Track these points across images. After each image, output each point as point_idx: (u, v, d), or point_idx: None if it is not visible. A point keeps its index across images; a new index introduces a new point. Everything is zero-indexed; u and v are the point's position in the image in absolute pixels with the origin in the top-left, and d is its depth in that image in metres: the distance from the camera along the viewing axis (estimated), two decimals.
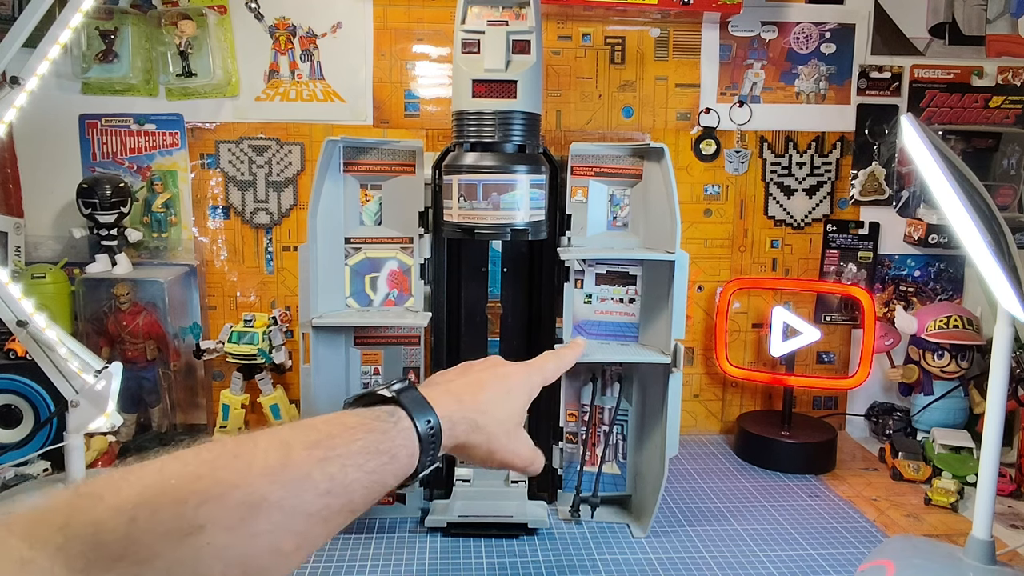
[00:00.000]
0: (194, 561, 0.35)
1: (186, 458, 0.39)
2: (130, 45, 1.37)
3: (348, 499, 0.43)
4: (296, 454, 0.41)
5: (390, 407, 0.49)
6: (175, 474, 0.37)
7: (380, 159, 1.17)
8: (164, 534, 0.34)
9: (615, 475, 1.21)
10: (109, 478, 0.36)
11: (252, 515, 0.37)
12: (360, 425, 0.46)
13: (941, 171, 0.83)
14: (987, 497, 0.87)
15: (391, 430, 0.47)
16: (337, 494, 0.42)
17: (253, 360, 1.33)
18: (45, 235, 1.43)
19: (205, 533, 0.35)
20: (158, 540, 0.34)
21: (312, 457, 0.41)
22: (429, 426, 0.50)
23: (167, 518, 0.34)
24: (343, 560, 1.03)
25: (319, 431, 0.44)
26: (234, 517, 0.36)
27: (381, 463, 0.45)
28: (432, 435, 0.50)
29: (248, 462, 0.39)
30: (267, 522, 0.38)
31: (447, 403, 0.53)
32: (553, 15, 1.43)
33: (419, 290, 1.18)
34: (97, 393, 1.09)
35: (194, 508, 0.35)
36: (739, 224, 1.53)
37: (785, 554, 1.05)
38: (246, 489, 0.38)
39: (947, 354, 1.39)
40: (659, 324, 1.14)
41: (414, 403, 0.50)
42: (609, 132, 1.48)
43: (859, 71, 1.50)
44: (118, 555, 0.33)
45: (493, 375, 0.60)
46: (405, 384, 0.52)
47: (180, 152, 1.43)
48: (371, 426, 0.46)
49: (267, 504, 0.38)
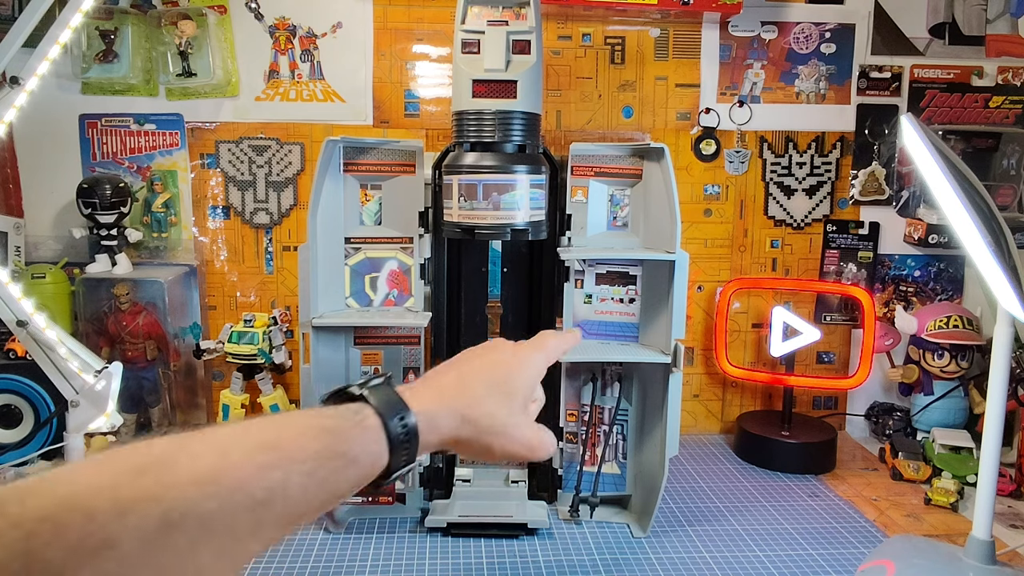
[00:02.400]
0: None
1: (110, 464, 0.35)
2: (130, 45, 1.37)
3: (287, 511, 0.39)
4: (232, 460, 0.38)
5: (357, 405, 0.46)
6: (92, 484, 0.33)
7: (380, 159, 1.17)
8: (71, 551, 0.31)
9: (615, 475, 1.21)
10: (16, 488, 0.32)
11: (170, 529, 0.34)
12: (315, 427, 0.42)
13: (941, 171, 0.83)
14: (987, 497, 0.87)
15: (351, 431, 0.44)
16: (273, 505, 0.38)
17: (253, 360, 1.33)
18: (45, 235, 1.43)
19: (118, 548, 0.32)
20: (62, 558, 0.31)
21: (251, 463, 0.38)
22: (402, 424, 0.46)
23: (75, 534, 0.31)
24: (343, 560, 1.03)
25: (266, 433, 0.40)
26: (150, 531, 0.33)
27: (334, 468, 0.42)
28: (405, 434, 0.46)
29: (174, 469, 0.36)
30: (186, 537, 0.34)
31: (427, 398, 0.49)
32: (553, 15, 1.43)
33: (419, 290, 1.18)
34: (97, 393, 1.09)
35: (106, 522, 0.32)
36: (739, 224, 1.53)
37: (785, 554, 1.05)
38: (168, 502, 0.34)
39: (947, 354, 1.39)
40: (659, 324, 1.14)
41: (384, 401, 0.46)
42: (609, 132, 1.48)
43: (859, 71, 1.50)
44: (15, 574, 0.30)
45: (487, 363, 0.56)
46: (380, 381, 0.49)
47: (180, 152, 1.43)
48: (328, 427, 0.43)
49: (190, 517, 0.35)
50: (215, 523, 0.36)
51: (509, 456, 0.55)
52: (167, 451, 0.37)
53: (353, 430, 0.44)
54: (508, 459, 0.56)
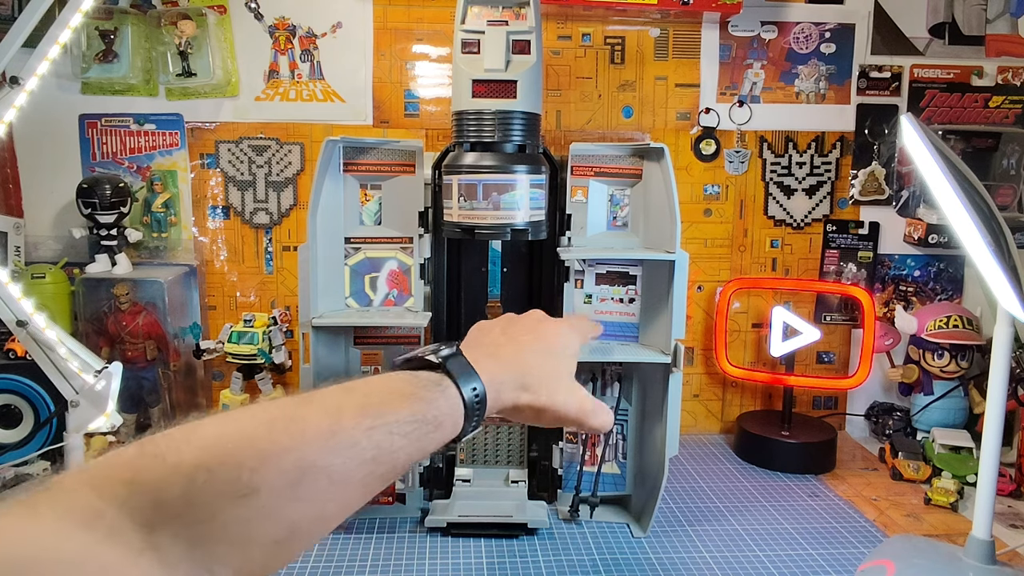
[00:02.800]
0: (247, 521, 0.36)
1: (244, 419, 0.40)
2: (130, 45, 1.37)
3: (392, 466, 0.44)
4: (346, 420, 0.42)
5: (437, 375, 0.50)
6: (233, 436, 0.38)
7: (380, 159, 1.17)
8: (220, 495, 0.35)
9: (615, 475, 1.21)
10: (170, 437, 0.37)
11: (302, 480, 0.38)
12: (407, 393, 0.47)
13: (941, 171, 0.83)
14: (987, 497, 0.87)
15: (438, 399, 0.48)
16: (382, 461, 0.43)
17: (253, 360, 1.33)
18: (45, 235, 1.43)
19: (259, 496, 0.37)
20: (215, 501, 0.35)
21: (361, 425, 0.42)
22: (475, 393, 0.50)
23: (224, 480, 0.36)
24: (343, 560, 1.03)
25: (368, 397, 0.45)
26: (285, 481, 0.38)
27: (426, 431, 0.46)
28: (477, 402, 0.50)
29: (301, 427, 0.40)
30: (315, 487, 0.39)
31: (492, 368, 0.53)
32: (553, 15, 1.43)
33: (419, 290, 1.18)
34: (97, 393, 1.09)
35: (249, 472, 0.37)
36: (739, 224, 1.53)
37: (785, 554, 1.05)
38: (298, 454, 0.39)
39: (947, 354, 1.39)
40: (659, 324, 1.14)
41: (461, 371, 0.50)
42: (609, 132, 1.48)
43: (859, 71, 1.50)
44: (177, 513, 0.34)
45: (536, 335, 0.60)
46: (453, 350, 0.52)
47: (180, 152, 1.43)
48: (419, 395, 0.47)
49: (316, 470, 0.39)
50: (337, 475, 0.40)
51: (562, 419, 0.58)
52: (291, 408, 0.41)
53: (439, 398, 0.48)
54: (561, 423, 0.59)
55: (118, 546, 0.33)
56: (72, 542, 0.32)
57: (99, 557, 0.32)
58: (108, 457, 0.36)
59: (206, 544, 0.35)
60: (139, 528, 0.34)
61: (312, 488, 0.39)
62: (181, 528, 0.34)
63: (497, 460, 1.24)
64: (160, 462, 0.36)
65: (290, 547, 0.39)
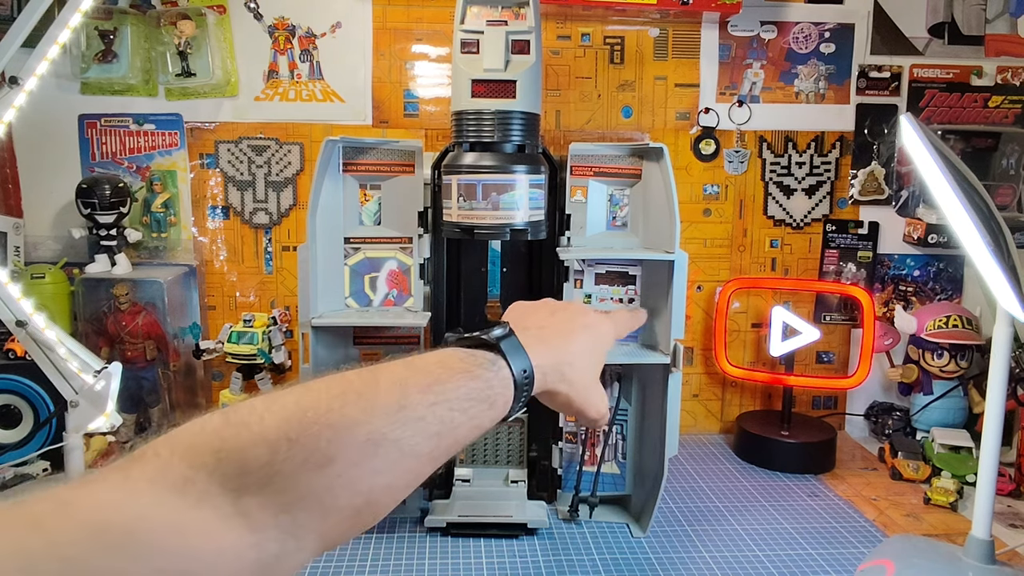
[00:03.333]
0: (325, 490, 0.38)
1: (318, 391, 0.41)
2: (129, 45, 1.37)
3: (454, 439, 0.45)
4: (412, 396, 0.43)
5: (492, 355, 0.51)
6: (310, 407, 0.39)
7: (379, 159, 1.17)
8: (302, 464, 0.37)
9: (615, 475, 1.21)
10: (252, 407, 0.39)
11: (374, 452, 0.40)
12: (465, 371, 0.48)
13: (941, 171, 0.83)
14: (986, 497, 0.87)
15: (492, 378, 0.49)
16: (445, 436, 0.44)
17: (253, 360, 1.33)
18: (45, 235, 1.43)
19: (335, 465, 0.38)
20: (296, 469, 0.37)
21: (425, 400, 0.44)
22: (524, 375, 0.52)
23: (304, 450, 0.37)
24: (343, 560, 1.03)
25: (431, 374, 0.46)
26: (359, 453, 0.39)
27: (481, 409, 0.47)
28: (527, 383, 0.52)
29: (371, 401, 0.42)
30: (386, 459, 0.41)
31: (541, 352, 0.54)
32: (552, 15, 1.43)
33: (419, 290, 1.18)
34: (97, 393, 1.09)
35: (327, 442, 0.38)
36: (738, 224, 1.53)
37: (785, 554, 1.05)
38: (369, 427, 0.40)
39: (946, 354, 1.39)
40: (659, 324, 1.14)
41: (514, 352, 0.52)
42: (608, 132, 1.48)
43: (858, 71, 1.50)
44: (263, 480, 0.36)
45: (581, 325, 0.62)
46: (506, 331, 0.54)
47: (179, 152, 1.43)
48: (475, 373, 0.48)
49: (387, 442, 0.41)
50: (405, 446, 0.42)
51: (582, 412, 0.60)
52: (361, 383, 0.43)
53: (493, 378, 0.49)
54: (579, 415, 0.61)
55: (209, 510, 0.34)
56: (167, 507, 0.33)
57: (195, 521, 0.34)
58: (194, 425, 0.38)
59: (291, 510, 0.37)
60: (228, 494, 0.35)
61: (385, 460, 0.41)
62: (267, 495, 0.36)
63: (497, 460, 1.24)
64: (246, 431, 0.37)
65: (368, 515, 0.41)
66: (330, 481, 0.38)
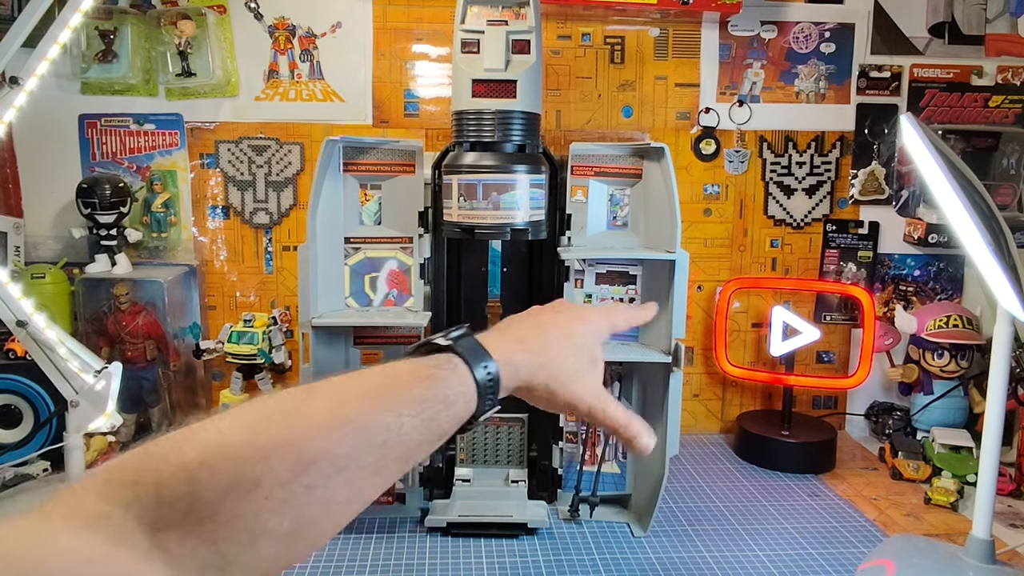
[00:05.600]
0: (253, 515, 0.37)
1: (245, 415, 0.40)
2: (129, 45, 1.37)
3: (405, 448, 0.44)
4: (350, 407, 0.42)
5: (446, 355, 0.49)
6: (234, 432, 0.39)
7: (380, 159, 1.17)
8: (224, 492, 0.36)
9: (615, 474, 1.21)
10: (174, 439, 0.38)
11: (305, 470, 0.39)
12: (414, 373, 0.47)
13: (941, 171, 0.83)
14: (987, 496, 0.87)
15: (449, 377, 0.48)
16: (392, 445, 0.43)
17: (253, 360, 1.33)
18: (45, 235, 1.43)
19: (261, 488, 0.37)
20: (220, 496, 0.36)
21: (366, 408, 0.42)
22: (487, 372, 0.50)
23: (226, 477, 0.36)
24: (343, 560, 1.03)
25: (373, 381, 0.45)
26: (288, 472, 0.38)
27: (436, 411, 0.46)
28: (490, 381, 0.50)
29: (301, 418, 0.40)
30: (320, 476, 0.39)
31: (508, 346, 0.53)
32: (553, 15, 1.43)
33: (419, 290, 1.18)
34: (97, 393, 1.09)
35: (251, 465, 0.37)
36: (739, 224, 1.53)
37: (785, 554, 1.05)
38: (300, 446, 0.39)
39: (947, 353, 1.39)
40: (659, 324, 1.14)
41: (470, 351, 0.50)
42: (609, 132, 1.48)
43: (859, 71, 1.50)
44: (183, 512, 0.35)
45: (562, 318, 0.60)
46: (462, 332, 0.52)
47: (180, 152, 1.43)
48: (426, 373, 0.47)
49: (320, 459, 0.39)
50: (344, 462, 0.40)
51: (571, 405, 0.57)
52: (293, 400, 0.42)
53: (448, 376, 0.48)
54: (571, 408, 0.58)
55: (123, 547, 0.34)
56: (78, 543, 0.33)
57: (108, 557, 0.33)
58: (116, 461, 0.37)
59: (215, 542, 0.36)
60: (145, 529, 0.34)
61: (318, 475, 0.39)
62: (187, 527, 0.35)
63: (497, 460, 1.24)
64: (163, 462, 0.36)
65: (302, 540, 0.40)
66: (256, 505, 0.37)
